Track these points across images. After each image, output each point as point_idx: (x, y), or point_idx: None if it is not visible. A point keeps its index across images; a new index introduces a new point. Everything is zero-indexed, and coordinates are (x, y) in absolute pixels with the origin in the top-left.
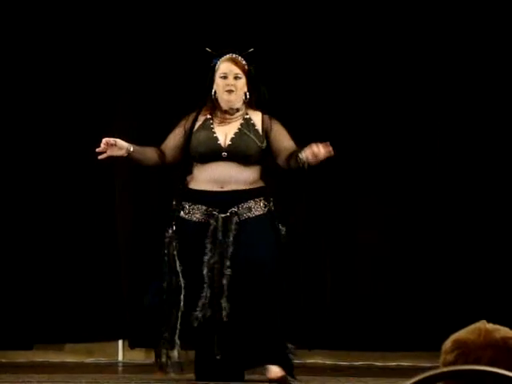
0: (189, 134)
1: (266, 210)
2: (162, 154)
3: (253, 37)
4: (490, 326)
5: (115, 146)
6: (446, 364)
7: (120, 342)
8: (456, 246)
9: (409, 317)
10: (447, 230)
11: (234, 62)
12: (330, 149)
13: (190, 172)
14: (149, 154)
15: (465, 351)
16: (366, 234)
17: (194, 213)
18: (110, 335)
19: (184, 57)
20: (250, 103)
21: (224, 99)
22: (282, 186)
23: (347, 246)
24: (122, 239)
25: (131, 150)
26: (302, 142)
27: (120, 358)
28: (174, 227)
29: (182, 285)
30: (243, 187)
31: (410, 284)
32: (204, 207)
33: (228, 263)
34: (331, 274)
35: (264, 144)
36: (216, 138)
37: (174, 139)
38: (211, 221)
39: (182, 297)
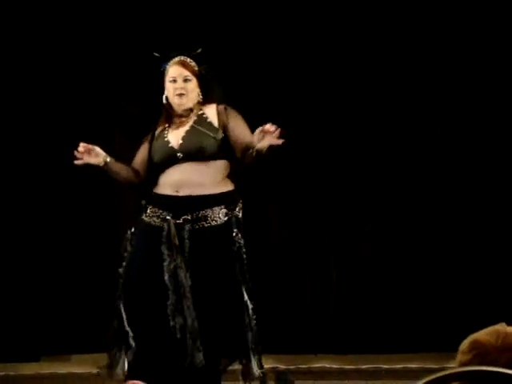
0: (151, 143)
1: (226, 219)
2: (136, 171)
3: (205, 36)
4: (510, 329)
5: (92, 153)
6: (461, 364)
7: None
8: (464, 247)
9: (415, 318)
10: (452, 231)
11: (183, 64)
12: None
13: (154, 176)
14: (125, 168)
15: (481, 352)
16: (372, 237)
17: (153, 216)
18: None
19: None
20: (205, 99)
21: (175, 103)
22: (282, 186)
23: (352, 250)
24: None
25: (108, 160)
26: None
27: (127, 368)
28: (133, 229)
29: (121, 290)
30: (200, 192)
31: (416, 286)
32: (160, 211)
33: (189, 272)
34: (336, 278)
35: (219, 135)
36: (168, 142)
37: (141, 154)
38: (164, 225)
39: (121, 305)
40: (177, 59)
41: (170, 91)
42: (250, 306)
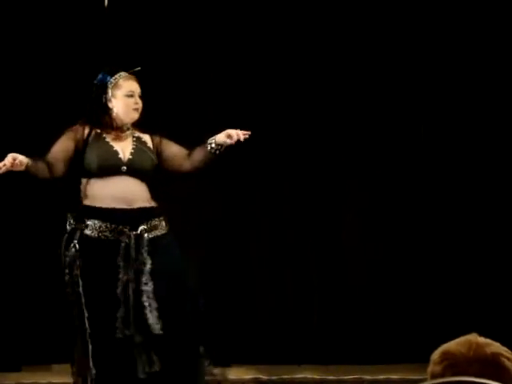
0: (81, 148)
1: (168, 228)
2: (50, 167)
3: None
4: (482, 339)
5: (18, 163)
6: (433, 375)
7: None
8: (443, 259)
9: (398, 329)
10: (432, 245)
11: (136, 80)
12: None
13: (84, 188)
14: (42, 168)
15: (453, 363)
16: (357, 248)
17: (103, 231)
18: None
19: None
20: (136, 124)
21: (129, 117)
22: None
23: (336, 261)
24: None
25: (29, 164)
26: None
27: None
28: (78, 246)
29: (84, 307)
30: (148, 204)
31: (398, 297)
32: (113, 225)
33: (144, 279)
34: (319, 289)
35: (156, 160)
36: (116, 152)
37: (65, 152)
38: (122, 238)
39: (85, 319)
40: (129, 74)
41: (124, 104)
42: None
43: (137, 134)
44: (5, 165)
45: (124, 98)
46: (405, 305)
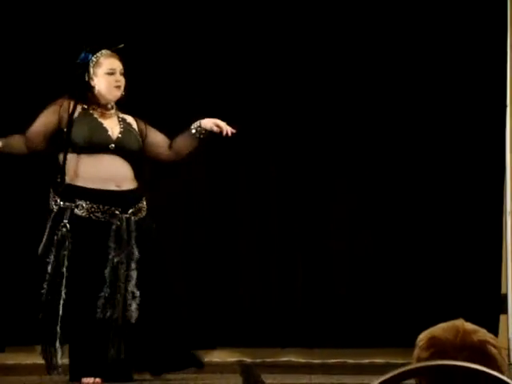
0: (68, 123)
1: (146, 209)
2: (27, 141)
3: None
4: (469, 326)
5: None
6: (419, 359)
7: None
8: (428, 241)
9: (381, 313)
10: (417, 224)
11: (118, 58)
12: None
13: (72, 167)
14: (15, 144)
15: (440, 350)
16: (338, 229)
17: (94, 212)
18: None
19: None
20: (120, 105)
21: (112, 94)
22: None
23: (319, 242)
24: None
25: (1, 144)
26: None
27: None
28: (68, 226)
29: (63, 288)
30: (134, 186)
31: (382, 280)
32: (106, 207)
33: (133, 265)
34: (303, 271)
35: (141, 142)
36: (105, 129)
37: (46, 125)
38: (114, 221)
39: (61, 300)
40: (110, 52)
41: (107, 82)
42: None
43: (121, 115)
44: None
45: (105, 75)
46: (389, 289)
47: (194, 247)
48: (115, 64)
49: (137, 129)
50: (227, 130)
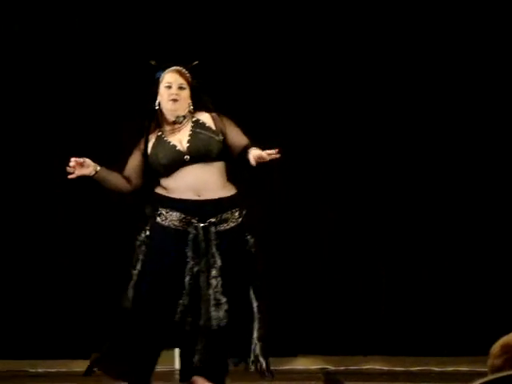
0: (144, 155)
1: (240, 220)
2: (126, 179)
3: (199, 50)
4: None
5: (83, 165)
6: (493, 368)
7: (176, 350)
8: (498, 249)
9: (466, 321)
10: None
11: (179, 73)
12: (275, 152)
13: (158, 180)
14: (115, 176)
15: None
16: (421, 237)
17: (172, 219)
18: (166, 343)
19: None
20: (196, 107)
21: (168, 108)
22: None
23: (404, 253)
24: None
25: (98, 169)
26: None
27: (177, 365)
28: (148, 232)
29: (131, 287)
30: (220, 194)
31: (467, 288)
32: (183, 215)
33: (214, 273)
34: (387, 280)
35: (220, 137)
36: (174, 146)
37: (134, 161)
38: (190, 229)
39: (130, 298)
40: (174, 68)
41: (163, 96)
42: (256, 304)
43: (196, 117)
44: (70, 169)
45: (163, 89)
46: (474, 297)
47: (278, 255)
48: (173, 78)
49: (213, 126)
50: (269, 157)
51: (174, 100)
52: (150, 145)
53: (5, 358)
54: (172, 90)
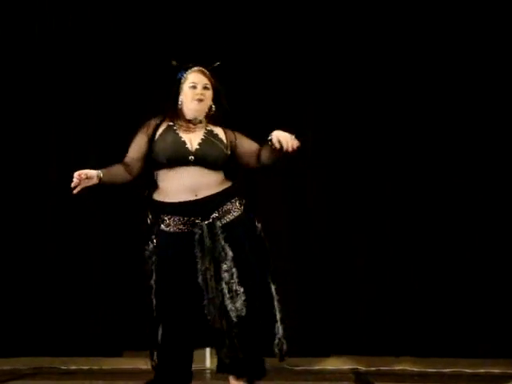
0: (151, 140)
1: (242, 208)
2: (127, 168)
3: (220, 51)
4: None
5: (86, 178)
6: None
7: (207, 350)
8: None
9: (499, 323)
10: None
11: (203, 73)
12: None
13: (155, 182)
14: (117, 172)
15: None
16: (455, 238)
17: (176, 224)
18: (197, 343)
19: (150, 69)
20: (211, 117)
21: (192, 108)
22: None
23: (436, 251)
24: None
25: (101, 176)
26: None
27: (208, 364)
28: (155, 241)
29: (154, 297)
30: (215, 190)
31: (500, 289)
32: (185, 217)
33: (226, 266)
34: (419, 282)
35: (228, 151)
36: (184, 142)
37: (140, 148)
38: (195, 230)
39: (154, 308)
40: (197, 68)
41: (188, 96)
42: (274, 287)
43: (210, 127)
44: (75, 184)
45: (188, 89)
46: (508, 298)
47: (311, 254)
48: (198, 78)
49: (225, 139)
50: (288, 146)
51: (200, 100)
52: (159, 131)
53: (37, 355)
54: (197, 89)
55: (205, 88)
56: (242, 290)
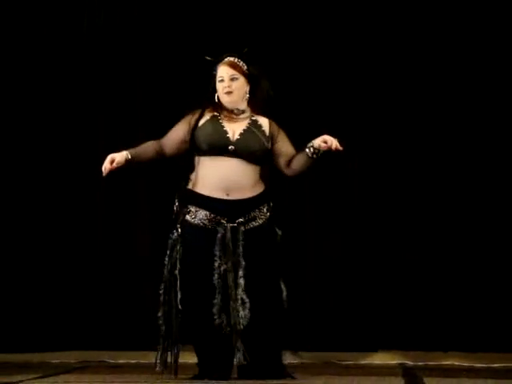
0: (194, 128)
1: (268, 215)
2: (159, 147)
3: (256, 38)
4: None
5: (115, 165)
6: None
7: None
8: None
9: None
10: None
11: (230, 64)
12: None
13: (194, 170)
14: (146, 150)
15: None
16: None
17: (201, 218)
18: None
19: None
20: (255, 105)
21: (225, 101)
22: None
23: (483, 249)
24: None
25: (129, 157)
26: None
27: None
28: (180, 230)
29: (179, 289)
30: (248, 195)
31: None
32: (212, 214)
33: (241, 273)
34: (467, 277)
35: (269, 145)
36: (225, 131)
37: (177, 132)
38: (219, 229)
39: (178, 300)
40: (225, 60)
41: (219, 90)
42: (285, 294)
43: (255, 117)
44: (105, 168)
45: (218, 84)
46: None
47: (360, 251)
48: (224, 71)
49: (267, 131)
50: (334, 145)
51: (228, 92)
52: (202, 121)
53: (85, 348)
54: (224, 83)
55: (232, 79)
56: (247, 300)
